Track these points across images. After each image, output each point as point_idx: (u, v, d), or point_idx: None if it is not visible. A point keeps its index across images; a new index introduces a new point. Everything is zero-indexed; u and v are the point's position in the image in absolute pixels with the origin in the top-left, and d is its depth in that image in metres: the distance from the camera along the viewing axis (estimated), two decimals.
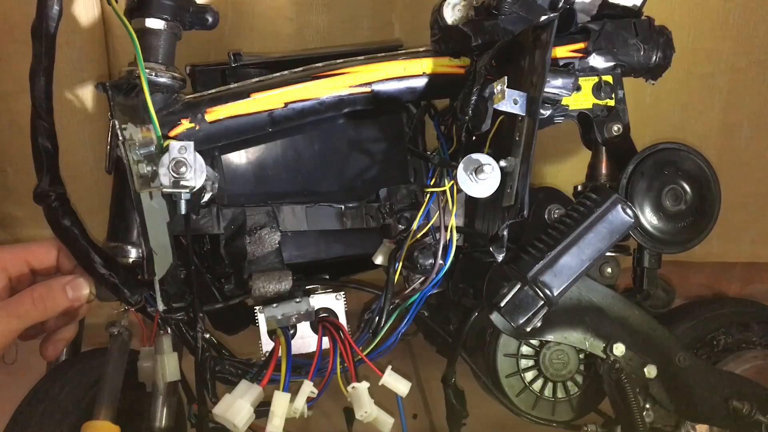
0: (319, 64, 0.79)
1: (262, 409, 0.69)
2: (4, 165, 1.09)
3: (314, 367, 0.72)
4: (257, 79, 0.79)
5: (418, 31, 0.94)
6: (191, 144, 0.66)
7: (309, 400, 0.71)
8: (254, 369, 0.75)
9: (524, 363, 0.81)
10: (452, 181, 0.73)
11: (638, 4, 0.81)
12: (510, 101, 0.68)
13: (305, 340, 0.77)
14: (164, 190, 0.66)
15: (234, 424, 0.66)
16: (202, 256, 0.84)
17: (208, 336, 0.75)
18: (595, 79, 0.79)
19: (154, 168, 0.68)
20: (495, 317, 0.71)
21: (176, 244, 0.73)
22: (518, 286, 0.69)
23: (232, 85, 0.78)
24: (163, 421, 0.75)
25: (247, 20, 1.03)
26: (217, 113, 0.75)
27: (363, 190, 0.87)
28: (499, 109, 0.68)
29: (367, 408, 0.71)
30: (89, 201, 1.04)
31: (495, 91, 0.69)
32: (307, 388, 0.70)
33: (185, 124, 0.74)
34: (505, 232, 0.68)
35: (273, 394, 0.69)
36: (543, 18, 0.76)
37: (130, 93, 0.73)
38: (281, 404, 0.68)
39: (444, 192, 0.74)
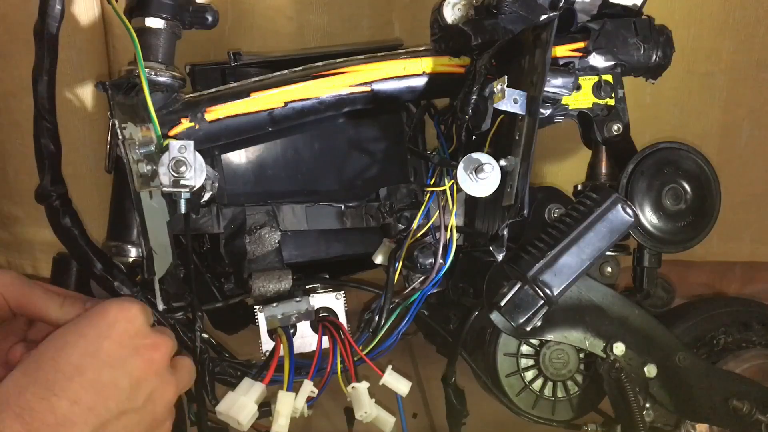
0: (319, 64, 0.79)
1: (265, 409, 0.69)
2: (5, 164, 1.09)
3: (314, 367, 0.72)
4: (257, 79, 0.78)
5: (418, 31, 0.94)
6: (191, 143, 0.65)
7: (309, 400, 0.71)
8: (254, 370, 0.74)
9: (524, 362, 0.81)
10: (452, 181, 0.72)
11: (638, 3, 0.81)
12: (510, 100, 0.68)
13: (305, 339, 0.77)
14: (164, 189, 0.66)
15: (238, 421, 0.66)
16: (202, 255, 0.84)
17: (206, 336, 0.75)
18: (595, 78, 0.79)
19: (154, 167, 0.68)
20: (495, 316, 0.71)
21: (176, 244, 0.73)
22: (518, 286, 0.69)
23: (232, 85, 0.78)
24: None
25: (247, 19, 1.03)
26: (216, 112, 0.75)
27: (363, 189, 0.87)
28: (499, 108, 0.68)
29: (366, 408, 0.71)
30: (89, 200, 1.04)
31: (495, 90, 0.69)
32: (308, 388, 0.70)
33: (185, 124, 0.74)
34: (505, 232, 0.68)
35: (277, 394, 0.69)
36: (543, 17, 0.76)
37: (129, 92, 0.73)
38: (286, 403, 0.68)
39: (444, 191, 0.74)
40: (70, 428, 0.48)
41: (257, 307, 0.76)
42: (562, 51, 0.79)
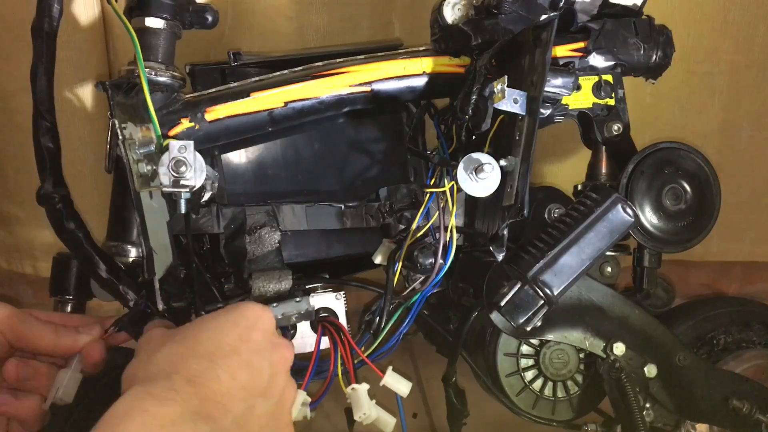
0: (319, 64, 0.79)
1: None
2: (4, 164, 1.09)
3: (310, 373, 0.72)
4: (257, 79, 0.78)
5: (418, 31, 0.94)
6: (191, 143, 0.65)
7: (312, 402, 0.71)
8: None
9: (524, 362, 0.81)
10: (452, 181, 0.72)
11: (638, 3, 0.81)
12: (510, 100, 0.68)
13: (305, 339, 0.77)
14: (164, 189, 0.66)
15: None
16: (202, 255, 0.84)
17: None
18: (595, 78, 0.79)
19: (154, 167, 0.68)
20: (495, 316, 0.71)
21: (176, 244, 0.73)
22: (518, 286, 0.69)
23: (231, 85, 0.78)
24: None
25: (247, 19, 1.03)
26: (216, 112, 0.75)
27: (363, 189, 0.87)
28: (499, 108, 0.68)
29: (365, 409, 0.70)
30: (89, 200, 1.04)
31: (495, 90, 0.69)
32: (300, 398, 0.70)
33: (185, 124, 0.74)
34: (505, 232, 0.68)
35: None
36: (543, 17, 0.76)
37: (129, 92, 0.73)
38: None
39: (444, 191, 0.74)
40: (230, 400, 0.52)
41: None
42: (562, 51, 0.79)
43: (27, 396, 0.62)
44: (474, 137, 0.76)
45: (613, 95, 0.80)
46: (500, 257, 0.69)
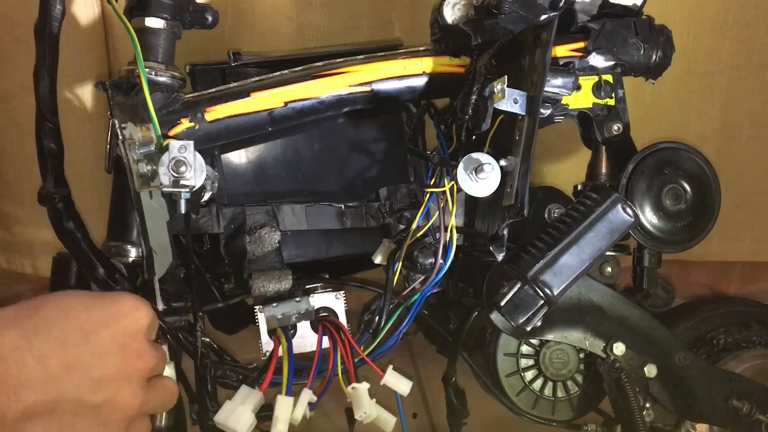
0: (319, 64, 0.79)
1: (264, 414, 0.69)
2: (5, 164, 1.09)
3: (314, 372, 0.72)
4: (257, 79, 0.79)
5: (418, 31, 0.94)
6: (191, 143, 0.66)
7: (309, 403, 0.71)
8: (255, 373, 0.74)
9: (524, 362, 0.81)
10: (452, 181, 0.72)
11: (638, 3, 0.81)
12: (510, 100, 0.68)
13: (305, 339, 0.77)
14: (164, 189, 0.66)
15: (236, 431, 0.66)
16: (202, 255, 0.84)
17: (207, 340, 0.75)
18: (595, 78, 0.79)
19: (154, 167, 0.68)
20: (495, 316, 0.71)
21: (176, 244, 0.73)
22: (518, 286, 0.69)
23: (231, 85, 0.78)
24: (163, 421, 0.75)
25: (247, 19, 1.03)
26: (216, 112, 0.75)
27: (363, 189, 0.87)
28: (499, 108, 0.68)
29: (366, 408, 0.71)
30: (89, 200, 1.04)
31: (495, 90, 0.69)
32: (306, 397, 0.70)
33: (185, 124, 0.74)
34: (505, 232, 0.68)
35: (276, 398, 0.68)
36: (543, 17, 0.76)
37: (129, 92, 0.73)
38: (285, 408, 0.67)
39: (444, 191, 0.74)
40: (23, 389, 0.46)
41: (257, 307, 0.75)
42: (562, 51, 0.79)
43: None
44: (474, 137, 0.76)
45: (613, 95, 0.80)
46: (500, 257, 0.69)
